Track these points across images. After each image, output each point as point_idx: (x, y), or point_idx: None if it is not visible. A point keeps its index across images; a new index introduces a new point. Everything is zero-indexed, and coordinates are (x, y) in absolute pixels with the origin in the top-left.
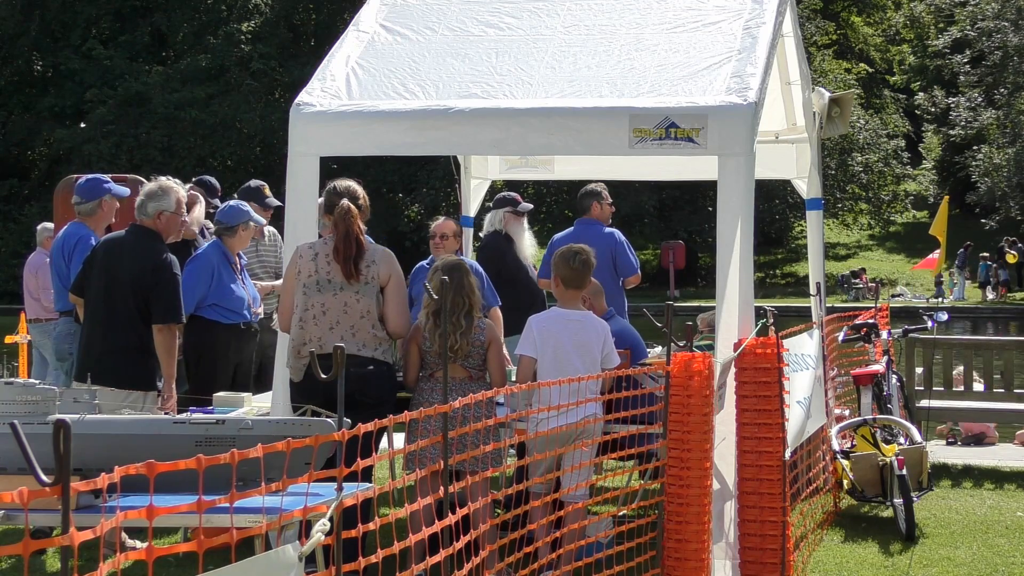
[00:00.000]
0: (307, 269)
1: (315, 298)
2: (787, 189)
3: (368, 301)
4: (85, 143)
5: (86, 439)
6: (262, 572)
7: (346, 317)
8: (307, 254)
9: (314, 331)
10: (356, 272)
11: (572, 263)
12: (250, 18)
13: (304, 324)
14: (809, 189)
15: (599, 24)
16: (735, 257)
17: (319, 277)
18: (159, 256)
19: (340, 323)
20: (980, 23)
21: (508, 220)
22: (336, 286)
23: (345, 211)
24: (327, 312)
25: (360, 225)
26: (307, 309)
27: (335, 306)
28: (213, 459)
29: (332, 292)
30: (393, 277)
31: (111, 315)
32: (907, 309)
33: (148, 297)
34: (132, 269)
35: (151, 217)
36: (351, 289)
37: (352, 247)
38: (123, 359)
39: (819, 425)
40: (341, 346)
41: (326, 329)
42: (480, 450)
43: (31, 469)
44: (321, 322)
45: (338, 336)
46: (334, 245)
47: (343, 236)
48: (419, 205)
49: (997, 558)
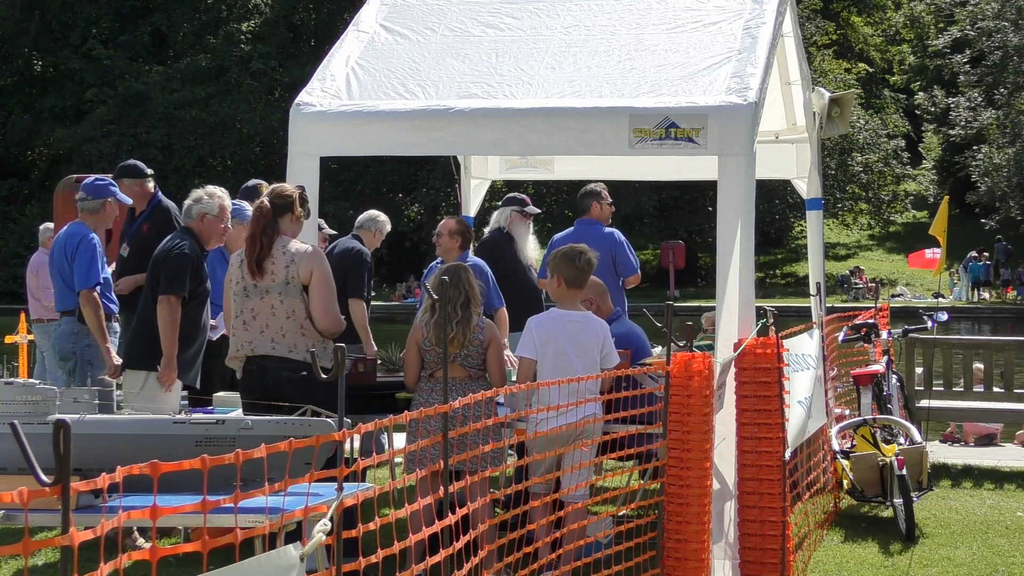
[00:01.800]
0: (235, 276)
1: (244, 303)
2: (787, 189)
3: (292, 302)
4: (85, 143)
5: (86, 439)
6: (263, 572)
7: (274, 320)
8: (236, 262)
9: (245, 336)
10: (260, 271)
11: (577, 262)
12: (250, 18)
13: (235, 330)
14: (809, 189)
15: (599, 24)
16: (735, 257)
17: (246, 283)
18: (176, 239)
19: (269, 326)
20: (980, 23)
21: (513, 219)
22: (262, 290)
23: (255, 210)
24: (256, 316)
25: (268, 223)
26: (237, 315)
27: (263, 310)
28: (218, 459)
29: (259, 296)
30: (315, 274)
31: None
32: (907, 309)
33: (159, 274)
34: (154, 257)
35: (195, 219)
36: (274, 291)
37: (256, 245)
38: (133, 340)
39: (819, 425)
40: (341, 346)
41: (256, 333)
42: (480, 450)
43: (31, 469)
44: (251, 327)
45: (268, 339)
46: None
47: (249, 235)
48: (419, 205)
49: (997, 558)
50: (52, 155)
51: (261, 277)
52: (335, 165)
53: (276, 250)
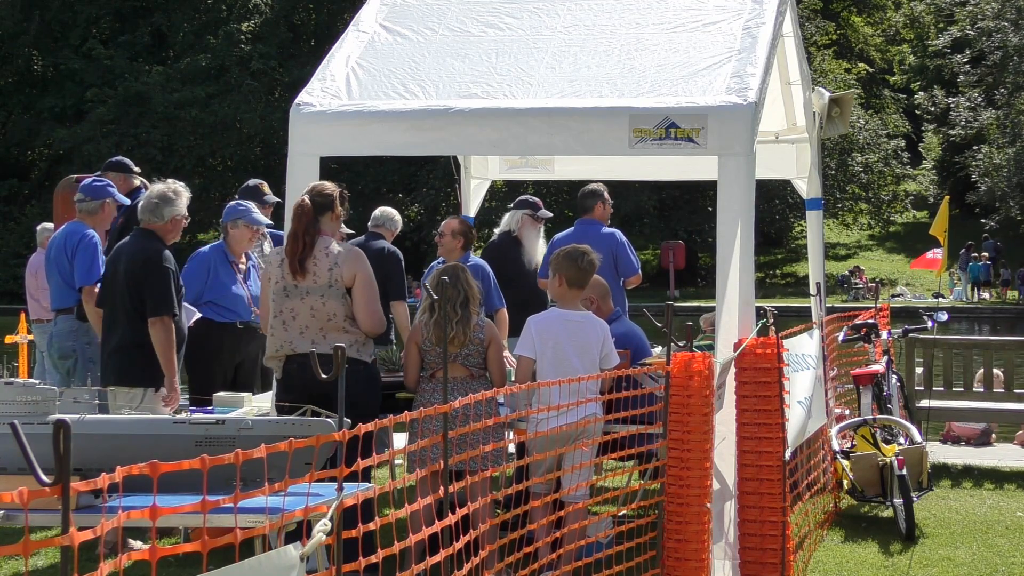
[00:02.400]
0: (275, 275)
1: (284, 303)
2: (787, 189)
3: (334, 304)
4: (85, 143)
5: (86, 439)
6: (263, 572)
7: (314, 321)
8: (275, 260)
9: (285, 336)
10: (302, 271)
11: (580, 263)
12: (250, 18)
13: (275, 330)
14: (809, 189)
15: (599, 24)
16: (735, 257)
17: (286, 283)
18: (152, 251)
19: (309, 327)
20: (980, 23)
21: (524, 222)
22: (302, 291)
23: (297, 208)
24: (296, 317)
25: (310, 222)
26: (276, 315)
27: (303, 311)
28: (217, 459)
29: (299, 297)
30: (359, 276)
31: (113, 314)
32: (907, 309)
33: (141, 291)
34: (128, 267)
35: (165, 221)
36: (316, 293)
37: (298, 244)
38: (125, 357)
39: (819, 425)
40: (342, 346)
41: (296, 334)
42: (480, 450)
43: (31, 469)
44: (291, 327)
45: (308, 339)
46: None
47: (291, 234)
48: (419, 205)
49: (997, 558)
50: (52, 155)
51: (303, 277)
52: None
53: (318, 250)
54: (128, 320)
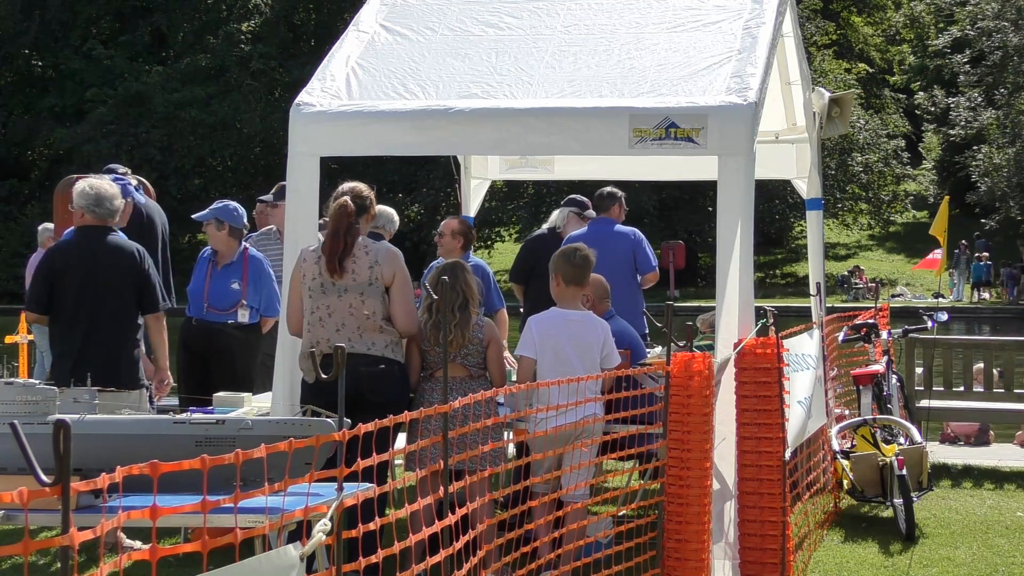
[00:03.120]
0: (311, 272)
1: (320, 300)
2: (787, 189)
3: (373, 302)
4: (85, 143)
5: (86, 439)
6: (263, 572)
7: (351, 319)
8: (310, 257)
9: (321, 333)
10: (340, 269)
11: (573, 259)
12: (250, 18)
13: (311, 327)
14: (809, 189)
15: (599, 24)
16: (735, 257)
17: (323, 280)
18: (137, 248)
19: (346, 325)
20: (980, 23)
21: (571, 220)
22: (340, 288)
23: (339, 208)
24: (332, 314)
25: (351, 223)
26: (313, 312)
27: (340, 308)
28: (217, 459)
29: (336, 294)
30: (397, 276)
31: (97, 317)
32: (907, 309)
33: (140, 289)
34: (119, 266)
35: (116, 215)
36: (355, 290)
37: (339, 243)
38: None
39: (819, 425)
40: (342, 346)
41: (333, 331)
42: (479, 450)
43: (31, 469)
44: (327, 324)
45: (345, 337)
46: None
47: (331, 233)
48: (419, 205)
49: (997, 558)
50: (52, 155)
51: (341, 276)
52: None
53: (357, 249)
54: (113, 320)
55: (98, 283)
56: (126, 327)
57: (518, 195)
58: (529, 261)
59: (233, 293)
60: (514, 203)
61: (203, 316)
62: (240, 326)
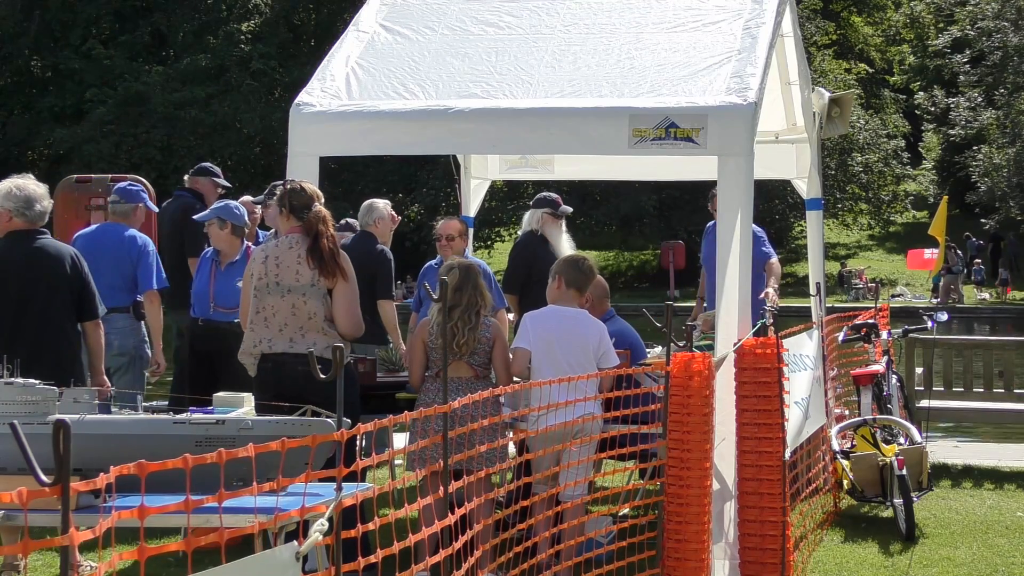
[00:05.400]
0: (258, 272)
1: (265, 300)
2: (787, 189)
3: (315, 304)
4: (85, 143)
5: (86, 439)
6: (259, 571)
7: (294, 319)
8: (259, 256)
9: (264, 332)
10: (337, 271)
11: (580, 266)
12: (250, 18)
13: (254, 326)
14: (809, 189)
15: (599, 23)
16: (735, 257)
17: (268, 280)
18: (72, 253)
19: (288, 325)
20: (980, 23)
21: (545, 221)
22: (284, 288)
23: (324, 215)
24: (276, 314)
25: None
26: (258, 312)
27: (283, 308)
28: (200, 458)
29: (280, 295)
30: (341, 279)
31: (31, 326)
32: (907, 309)
33: (76, 295)
34: (55, 269)
35: (45, 218)
36: (298, 291)
37: (334, 248)
38: (56, 359)
39: (819, 425)
40: (341, 346)
41: (275, 331)
42: (476, 450)
43: (31, 469)
44: (271, 324)
45: (287, 338)
46: (310, 246)
47: (326, 237)
48: (419, 205)
49: (997, 558)
50: (52, 155)
51: (344, 278)
52: (335, 165)
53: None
54: (48, 329)
55: (30, 291)
56: (62, 336)
57: (518, 195)
58: (522, 269)
59: (239, 291)
60: (514, 203)
61: (209, 316)
62: None
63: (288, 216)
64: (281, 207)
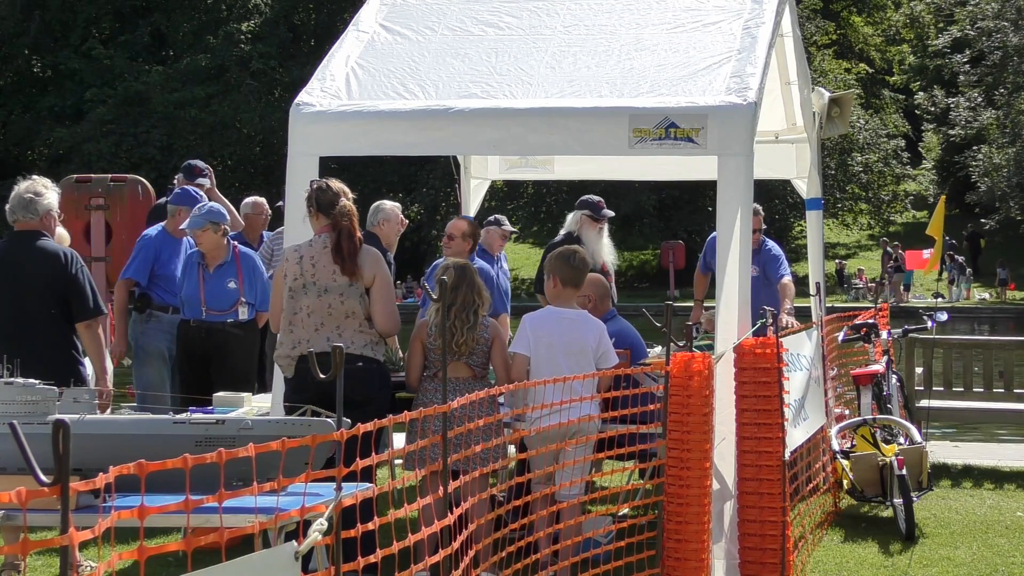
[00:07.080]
0: (292, 272)
1: (301, 300)
2: (787, 189)
3: (352, 303)
4: (85, 143)
5: (86, 439)
6: (258, 571)
7: (330, 319)
8: (292, 257)
9: (301, 333)
10: (356, 269)
11: (571, 261)
12: (250, 18)
13: (293, 327)
14: (809, 189)
15: (599, 24)
16: (735, 257)
17: (304, 280)
18: (65, 252)
19: (325, 324)
20: (980, 23)
21: (583, 223)
22: (320, 288)
23: (349, 210)
24: (312, 314)
25: (355, 223)
26: (295, 312)
27: (319, 308)
28: (199, 458)
29: (316, 294)
30: (378, 277)
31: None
32: (907, 309)
33: (68, 296)
34: (44, 270)
35: (39, 217)
36: (335, 291)
37: (355, 245)
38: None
39: (819, 425)
40: (340, 346)
41: (311, 331)
42: (472, 450)
43: (30, 469)
44: (307, 324)
45: (323, 337)
46: (335, 242)
47: (347, 234)
48: (419, 205)
49: (997, 558)
50: (52, 155)
51: (355, 276)
52: (335, 165)
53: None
54: (42, 331)
55: (23, 291)
56: (55, 339)
57: (518, 195)
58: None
59: (231, 293)
60: (514, 203)
61: (201, 318)
62: (239, 323)
63: (317, 215)
64: (309, 207)
